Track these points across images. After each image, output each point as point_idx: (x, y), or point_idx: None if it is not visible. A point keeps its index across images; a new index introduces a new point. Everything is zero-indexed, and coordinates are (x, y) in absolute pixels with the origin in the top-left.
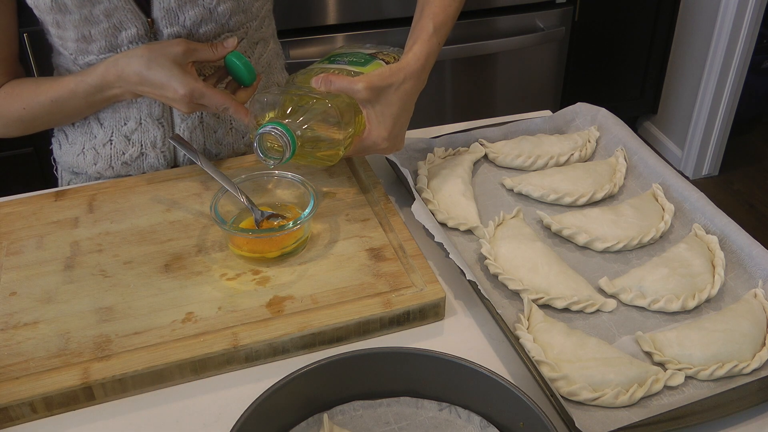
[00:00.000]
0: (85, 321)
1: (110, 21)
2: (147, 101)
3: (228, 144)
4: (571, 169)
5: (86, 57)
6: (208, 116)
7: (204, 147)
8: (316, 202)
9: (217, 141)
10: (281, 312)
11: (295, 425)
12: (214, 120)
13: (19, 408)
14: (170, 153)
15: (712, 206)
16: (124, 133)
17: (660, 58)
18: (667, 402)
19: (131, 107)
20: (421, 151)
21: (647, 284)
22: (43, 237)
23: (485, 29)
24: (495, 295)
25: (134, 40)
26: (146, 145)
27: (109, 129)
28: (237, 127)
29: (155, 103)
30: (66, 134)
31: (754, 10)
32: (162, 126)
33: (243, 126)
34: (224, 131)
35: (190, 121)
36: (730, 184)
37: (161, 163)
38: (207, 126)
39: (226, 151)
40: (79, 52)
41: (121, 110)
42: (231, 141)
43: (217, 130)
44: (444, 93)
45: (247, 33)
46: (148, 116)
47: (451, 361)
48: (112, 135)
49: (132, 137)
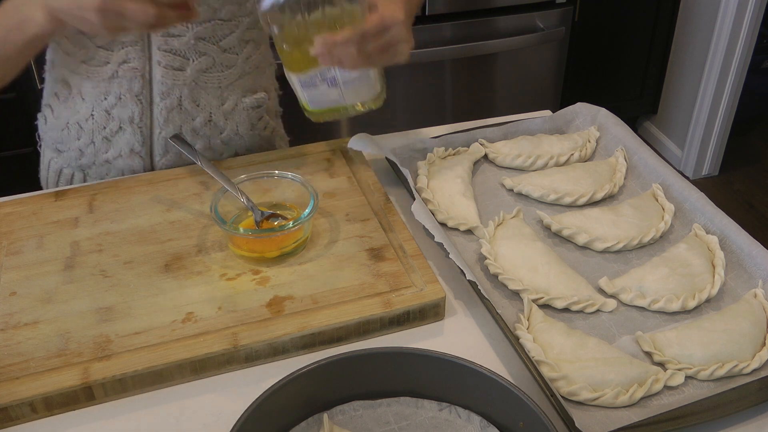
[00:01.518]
0: (85, 321)
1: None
2: (127, 77)
3: (204, 135)
4: (571, 169)
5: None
6: (187, 100)
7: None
8: (316, 202)
9: (194, 130)
10: (281, 312)
11: (295, 425)
12: (193, 106)
13: (19, 408)
14: (147, 129)
15: (712, 206)
16: (104, 108)
17: (660, 58)
18: (667, 402)
19: (112, 82)
20: (421, 151)
21: (647, 284)
22: (43, 237)
23: (485, 29)
24: (495, 295)
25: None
26: (124, 120)
27: (90, 103)
28: (216, 121)
29: (135, 79)
30: (52, 109)
31: (754, 10)
32: (140, 102)
33: (222, 121)
34: (202, 120)
35: (168, 101)
36: (730, 184)
37: (137, 138)
38: (185, 110)
39: (201, 143)
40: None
41: (102, 85)
42: (208, 133)
43: (196, 117)
44: (444, 93)
45: (238, 27)
46: (128, 92)
47: (451, 361)
48: (93, 109)
49: (112, 112)
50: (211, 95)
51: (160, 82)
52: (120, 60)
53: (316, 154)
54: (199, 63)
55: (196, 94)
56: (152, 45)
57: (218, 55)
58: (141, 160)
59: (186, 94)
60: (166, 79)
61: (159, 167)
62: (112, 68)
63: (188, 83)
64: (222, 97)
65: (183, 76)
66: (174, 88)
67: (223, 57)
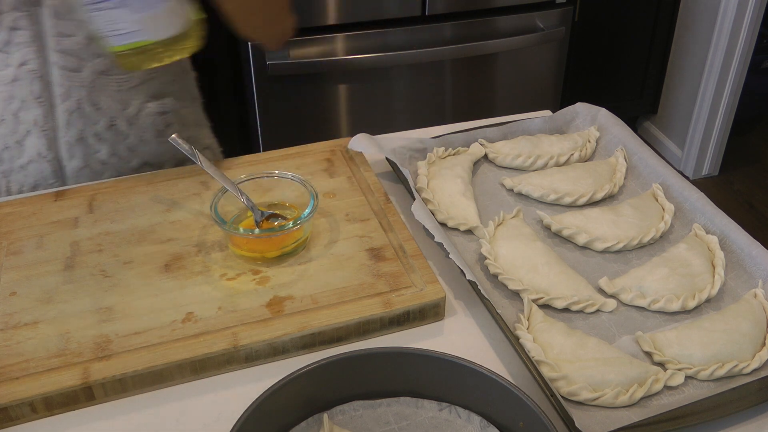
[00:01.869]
0: (85, 321)
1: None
2: (27, 79)
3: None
4: (571, 169)
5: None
6: (86, 103)
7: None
8: (316, 203)
9: (96, 134)
10: (281, 312)
11: (295, 425)
12: (94, 110)
13: (19, 408)
14: (52, 132)
15: (712, 206)
16: (12, 111)
17: (660, 58)
18: (667, 402)
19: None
20: (421, 151)
21: (647, 284)
22: (43, 237)
23: (485, 29)
24: (495, 295)
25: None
26: (30, 123)
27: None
28: (119, 126)
29: (34, 81)
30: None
31: (754, 10)
32: (42, 105)
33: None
34: (104, 125)
35: (68, 103)
36: (730, 184)
37: (42, 142)
38: (86, 114)
39: (105, 149)
40: None
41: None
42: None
43: (98, 121)
44: (444, 93)
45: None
46: (29, 94)
47: (451, 361)
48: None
49: (19, 115)
50: (112, 99)
51: (59, 84)
52: (18, 62)
53: (316, 154)
54: (95, 64)
55: (95, 97)
56: (47, 46)
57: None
58: (49, 164)
59: (84, 96)
60: (63, 80)
61: (69, 171)
62: (13, 71)
63: (86, 85)
64: (123, 101)
65: (80, 78)
66: (72, 89)
67: None
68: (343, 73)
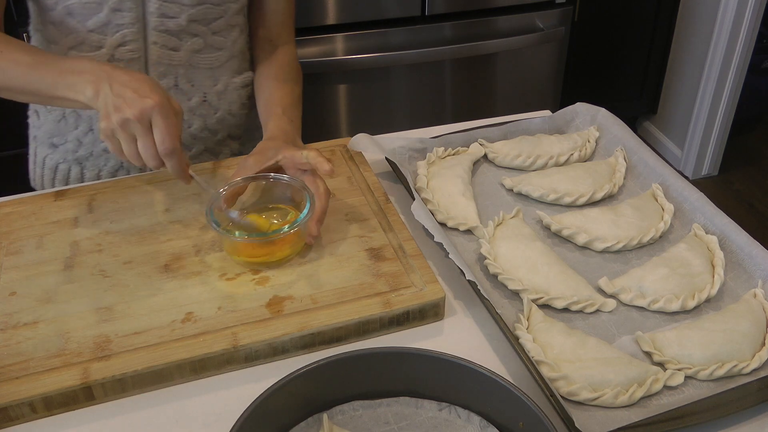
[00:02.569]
0: (84, 321)
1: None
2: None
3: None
4: (571, 169)
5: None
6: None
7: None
8: (313, 204)
9: (191, 110)
10: (281, 312)
11: (295, 425)
12: (189, 86)
13: (19, 408)
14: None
15: (712, 206)
16: None
17: (660, 58)
18: (667, 402)
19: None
20: (420, 151)
21: (647, 284)
22: (43, 237)
23: (485, 29)
24: (495, 295)
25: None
26: None
27: None
28: (210, 101)
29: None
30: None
31: (753, 10)
32: None
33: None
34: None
35: (165, 81)
36: (730, 184)
37: None
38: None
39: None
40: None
41: None
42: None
43: (192, 97)
44: (443, 93)
45: (227, 12)
46: None
47: (450, 361)
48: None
49: None
50: (204, 76)
51: (157, 63)
52: (116, 43)
53: None
54: (192, 44)
55: (191, 75)
56: (148, 26)
57: (208, 37)
58: None
59: (182, 74)
60: (162, 59)
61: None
62: (108, 52)
63: (183, 63)
64: (214, 77)
65: (178, 57)
66: (170, 68)
67: (212, 39)
68: (343, 73)
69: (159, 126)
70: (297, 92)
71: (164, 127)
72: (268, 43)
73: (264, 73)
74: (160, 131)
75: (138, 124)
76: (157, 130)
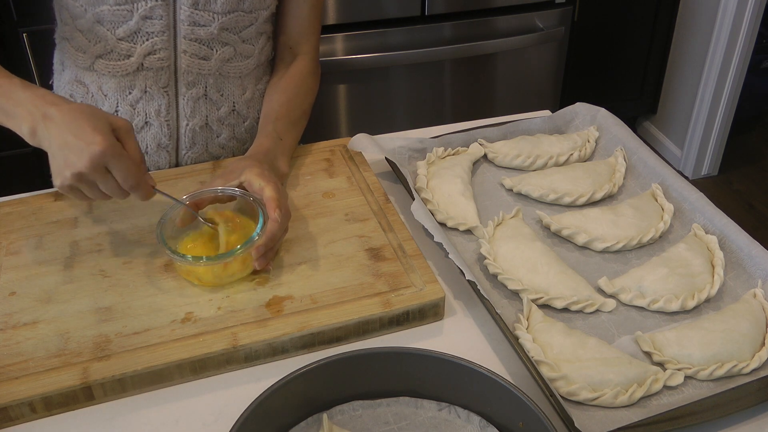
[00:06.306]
0: (84, 321)
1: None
2: (154, 69)
3: (229, 125)
4: (571, 169)
5: (98, 6)
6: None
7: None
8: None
9: (219, 119)
10: (281, 312)
11: (295, 425)
12: (218, 96)
13: (19, 408)
14: (174, 122)
15: (712, 206)
16: (129, 102)
17: (659, 58)
18: (667, 402)
19: (137, 75)
20: (420, 151)
21: (647, 284)
22: (43, 237)
23: (485, 29)
24: (494, 295)
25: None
26: (150, 114)
27: (114, 99)
28: (239, 110)
29: (161, 70)
30: None
31: (753, 10)
32: (167, 94)
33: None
34: (227, 110)
35: (194, 91)
36: (730, 184)
37: (164, 132)
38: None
39: (226, 132)
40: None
41: (125, 79)
42: (233, 122)
43: (221, 107)
44: (443, 93)
45: (257, 20)
46: (154, 84)
47: (450, 361)
48: (118, 105)
49: (137, 106)
50: (233, 85)
51: (186, 72)
52: (145, 52)
53: (316, 154)
54: (222, 53)
55: (221, 84)
56: (178, 34)
57: (238, 46)
58: (168, 154)
59: (211, 83)
60: (191, 68)
61: (184, 162)
62: (137, 61)
63: (213, 73)
64: (243, 86)
65: (208, 66)
66: (200, 77)
67: (242, 47)
68: (342, 73)
69: (116, 168)
70: (303, 106)
71: (121, 168)
72: (288, 51)
73: (273, 81)
74: (119, 172)
75: (94, 173)
76: (116, 172)
